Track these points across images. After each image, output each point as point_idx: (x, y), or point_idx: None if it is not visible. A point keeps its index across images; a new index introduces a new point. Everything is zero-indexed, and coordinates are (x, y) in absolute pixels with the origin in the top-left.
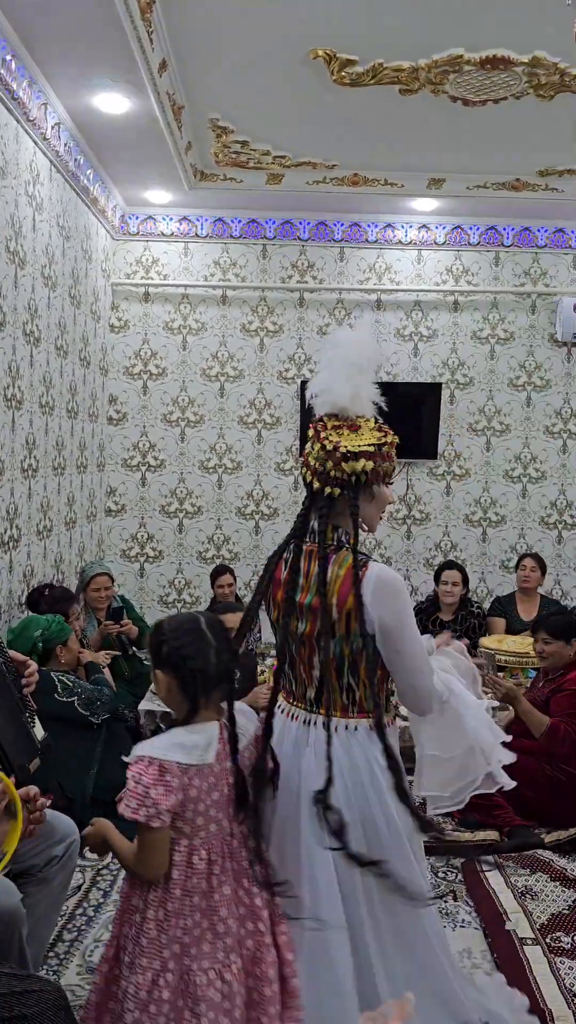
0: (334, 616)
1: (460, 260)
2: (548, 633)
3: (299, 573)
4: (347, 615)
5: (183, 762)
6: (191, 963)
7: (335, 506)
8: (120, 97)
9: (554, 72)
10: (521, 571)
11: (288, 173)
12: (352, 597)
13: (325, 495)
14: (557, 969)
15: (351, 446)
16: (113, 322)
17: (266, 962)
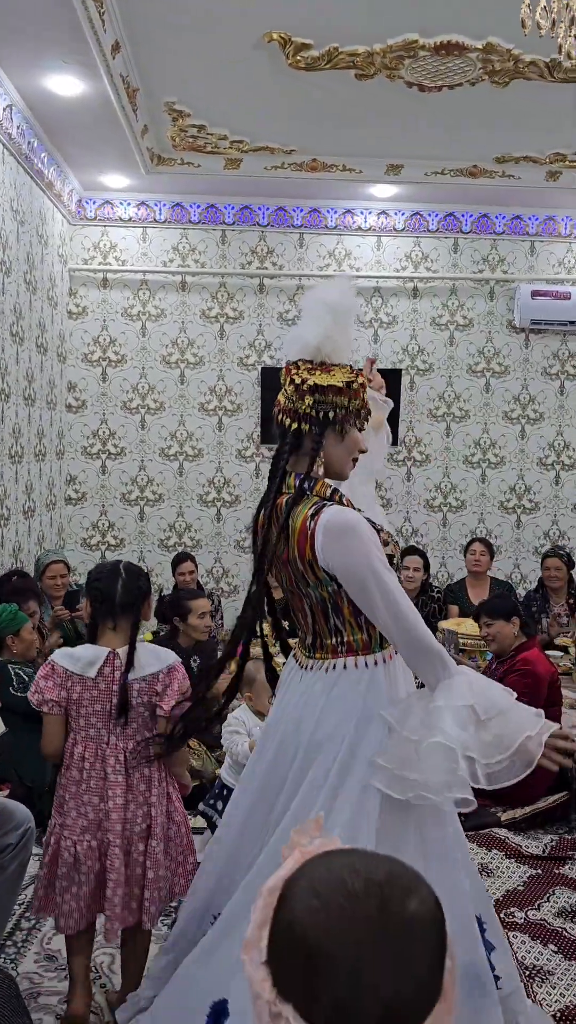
0: (300, 567)
1: (419, 247)
2: (488, 616)
3: (273, 526)
4: (309, 564)
5: (68, 668)
6: (60, 832)
7: (302, 444)
8: (73, 79)
9: (508, 58)
10: (471, 555)
11: (246, 158)
12: (308, 548)
13: (292, 431)
14: (511, 943)
15: (320, 381)
16: (71, 308)
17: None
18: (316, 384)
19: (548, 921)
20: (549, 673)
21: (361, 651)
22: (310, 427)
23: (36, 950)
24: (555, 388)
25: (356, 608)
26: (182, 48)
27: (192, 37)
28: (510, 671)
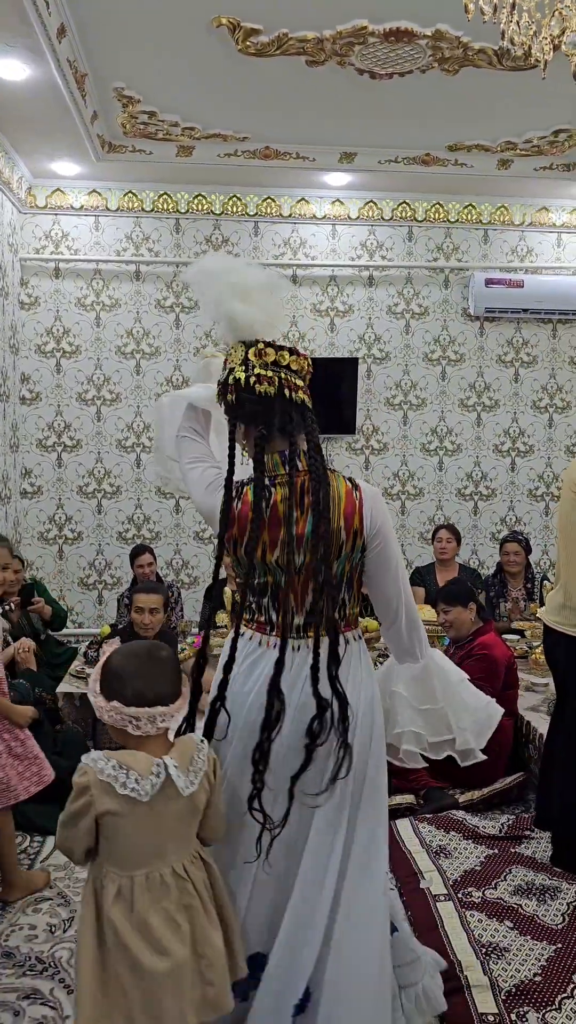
0: (343, 537)
1: (374, 235)
2: (444, 602)
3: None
4: (353, 533)
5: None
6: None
7: (307, 417)
8: (18, 63)
9: (457, 46)
10: (437, 543)
11: (199, 145)
12: (357, 517)
13: (298, 403)
14: (467, 922)
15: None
16: (23, 299)
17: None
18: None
19: (504, 899)
20: (506, 657)
21: (353, 624)
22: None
23: None
24: (510, 375)
25: (360, 582)
26: (130, 32)
27: (140, 20)
28: (468, 656)
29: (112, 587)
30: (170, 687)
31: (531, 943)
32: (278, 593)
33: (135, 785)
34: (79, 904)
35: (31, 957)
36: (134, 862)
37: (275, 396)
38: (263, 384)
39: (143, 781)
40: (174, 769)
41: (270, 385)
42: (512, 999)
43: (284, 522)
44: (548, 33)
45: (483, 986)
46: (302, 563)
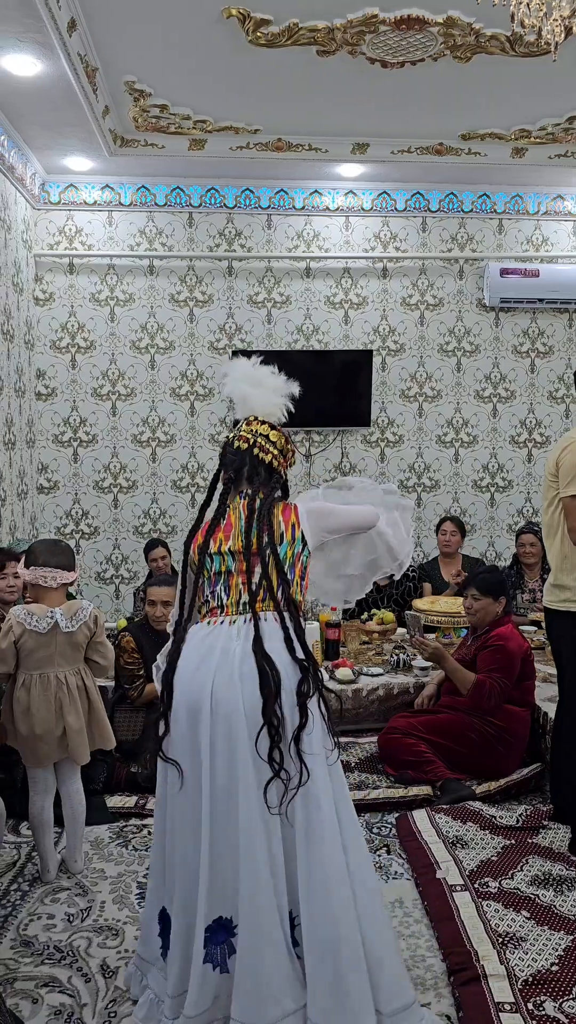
0: (283, 528)
1: (388, 226)
2: (477, 589)
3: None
4: (292, 525)
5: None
6: None
7: (272, 476)
8: (30, 59)
9: (469, 32)
10: (441, 535)
11: (210, 138)
12: (294, 515)
13: (266, 462)
14: (484, 912)
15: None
16: (37, 295)
17: None
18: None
19: (521, 889)
20: (522, 649)
21: (287, 607)
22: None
23: (12, 936)
24: (525, 366)
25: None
26: (140, 25)
27: (150, 13)
28: (484, 647)
29: (129, 581)
30: (64, 560)
31: (548, 933)
32: (229, 579)
33: (35, 623)
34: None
35: (49, 946)
36: (33, 667)
37: (246, 451)
38: (239, 441)
39: (40, 621)
40: (60, 616)
41: (244, 443)
42: (529, 988)
43: (234, 527)
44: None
45: (500, 975)
46: (245, 546)
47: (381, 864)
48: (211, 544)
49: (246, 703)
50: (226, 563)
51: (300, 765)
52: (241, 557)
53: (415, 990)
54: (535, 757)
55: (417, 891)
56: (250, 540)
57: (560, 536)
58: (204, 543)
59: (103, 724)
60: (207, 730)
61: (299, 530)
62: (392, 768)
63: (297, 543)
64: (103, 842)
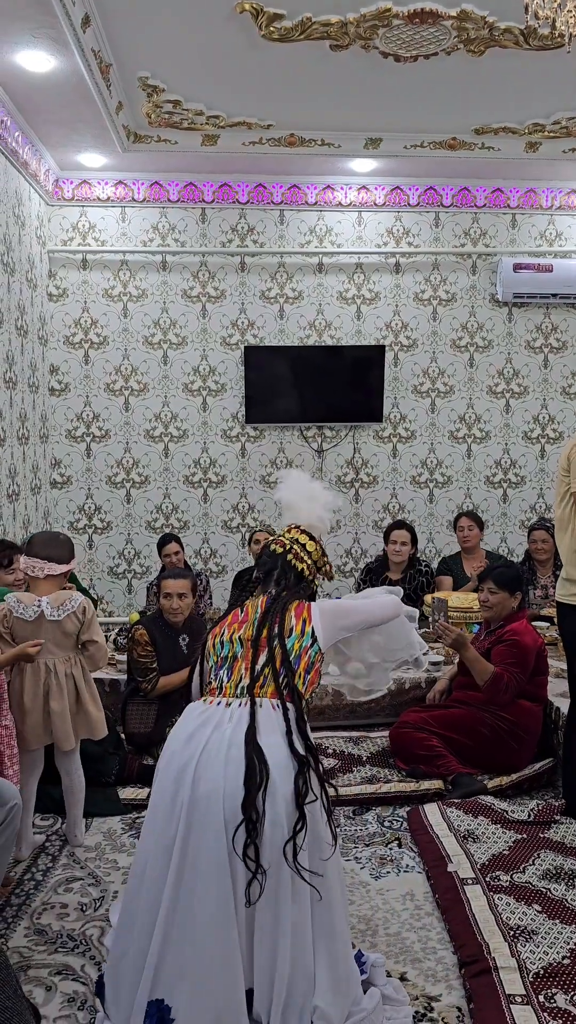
0: (292, 622)
1: (400, 221)
2: (494, 583)
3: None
4: (303, 621)
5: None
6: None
7: (301, 583)
8: (44, 55)
9: (483, 26)
10: (459, 531)
11: (223, 134)
12: (306, 611)
13: (297, 569)
14: (495, 905)
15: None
16: (51, 290)
17: None
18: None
19: (532, 883)
20: (536, 644)
21: (290, 698)
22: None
23: (26, 924)
24: (539, 361)
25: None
26: (153, 21)
27: (163, 9)
28: (499, 641)
29: (141, 576)
30: (56, 552)
31: (560, 927)
32: (233, 664)
33: (22, 611)
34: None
35: (63, 934)
36: None
37: (280, 555)
38: (276, 545)
39: (27, 609)
40: (47, 605)
41: (280, 547)
42: (540, 981)
43: (249, 618)
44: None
45: (511, 968)
46: (255, 635)
47: (392, 857)
48: (224, 631)
49: (227, 789)
50: (234, 649)
51: (295, 868)
52: (249, 645)
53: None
54: (547, 752)
55: (428, 884)
56: (260, 631)
57: (571, 531)
58: (220, 631)
59: (90, 714)
60: (184, 809)
61: (309, 625)
62: (403, 762)
63: (306, 637)
64: (115, 833)
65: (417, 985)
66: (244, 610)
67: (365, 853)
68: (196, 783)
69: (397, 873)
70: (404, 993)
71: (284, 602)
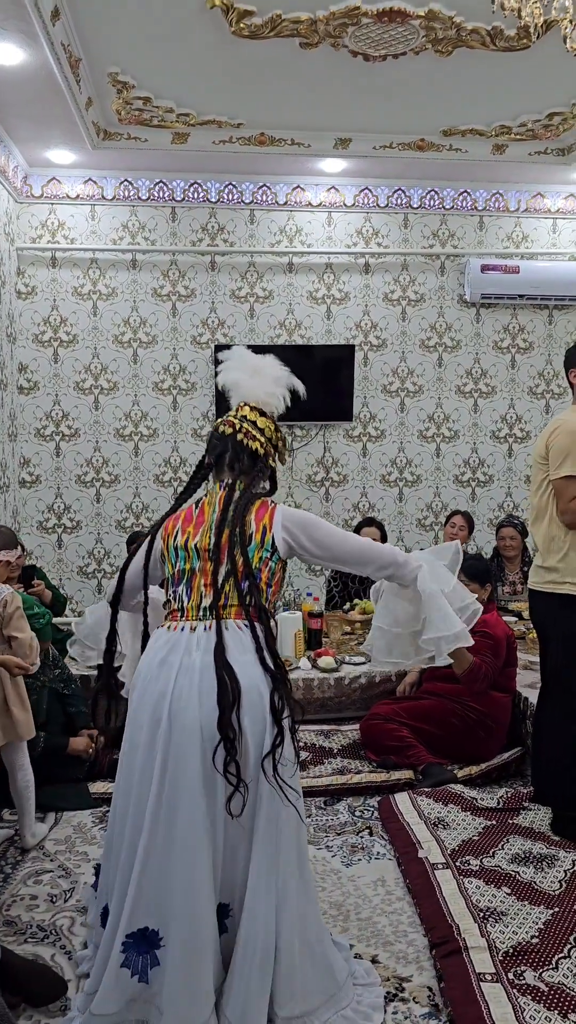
0: (252, 527)
1: (370, 222)
2: (465, 576)
3: (227, 517)
4: (263, 528)
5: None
6: None
7: (256, 464)
8: (13, 47)
9: (450, 26)
10: (450, 528)
11: (193, 132)
12: (268, 516)
13: (251, 449)
14: (465, 888)
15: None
16: (20, 288)
17: None
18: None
19: (502, 867)
20: (507, 635)
21: (255, 615)
22: (270, 458)
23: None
24: (506, 361)
25: (270, 577)
26: (123, 15)
27: (133, 3)
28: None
29: (111, 575)
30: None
31: (528, 907)
32: (192, 579)
33: None
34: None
35: (32, 925)
36: None
37: (230, 436)
38: (224, 426)
39: None
40: None
41: (229, 427)
42: (509, 960)
43: (206, 521)
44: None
45: (481, 947)
46: (214, 544)
47: (364, 845)
48: (179, 535)
49: (204, 718)
50: (191, 561)
51: (277, 783)
52: (207, 556)
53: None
54: (516, 742)
55: (399, 870)
56: (219, 538)
57: (548, 518)
58: (173, 531)
59: (12, 714)
60: (163, 743)
61: (269, 534)
62: (374, 754)
63: (266, 547)
64: (86, 826)
65: (388, 967)
66: (200, 508)
67: (336, 842)
68: (173, 717)
69: (368, 860)
70: (375, 975)
71: (245, 502)
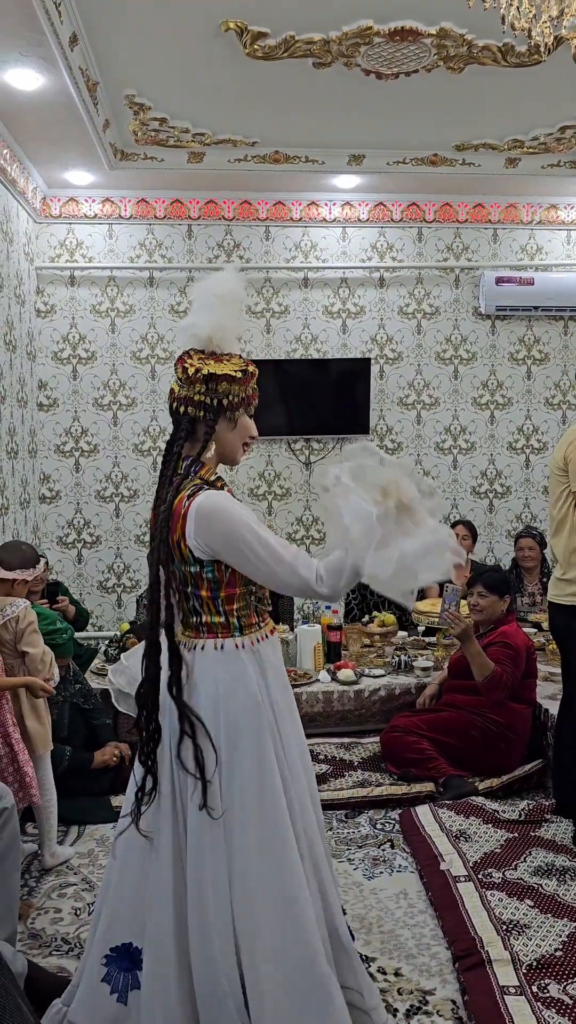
0: (170, 543)
1: (384, 237)
2: (484, 587)
3: (160, 503)
4: (177, 543)
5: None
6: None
7: (195, 431)
8: (32, 73)
9: (462, 44)
10: None
11: (209, 151)
12: (179, 526)
13: (186, 418)
14: (488, 901)
15: (215, 370)
16: (39, 307)
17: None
18: (210, 373)
19: (524, 879)
20: (526, 646)
21: (221, 634)
22: (204, 414)
23: (20, 929)
24: (522, 373)
25: (214, 591)
26: (140, 39)
27: (149, 27)
28: (491, 644)
29: (130, 590)
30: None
31: (552, 920)
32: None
33: None
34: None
35: (56, 938)
36: None
37: (180, 416)
38: (173, 401)
39: None
40: None
41: (174, 401)
42: (533, 972)
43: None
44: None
45: (504, 960)
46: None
47: (385, 858)
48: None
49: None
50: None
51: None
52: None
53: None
54: (536, 754)
55: (421, 883)
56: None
57: (568, 530)
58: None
59: (28, 728)
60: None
61: (185, 546)
62: (395, 766)
63: (190, 562)
64: (108, 840)
65: (412, 980)
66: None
67: (358, 855)
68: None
69: (390, 873)
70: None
71: (168, 507)
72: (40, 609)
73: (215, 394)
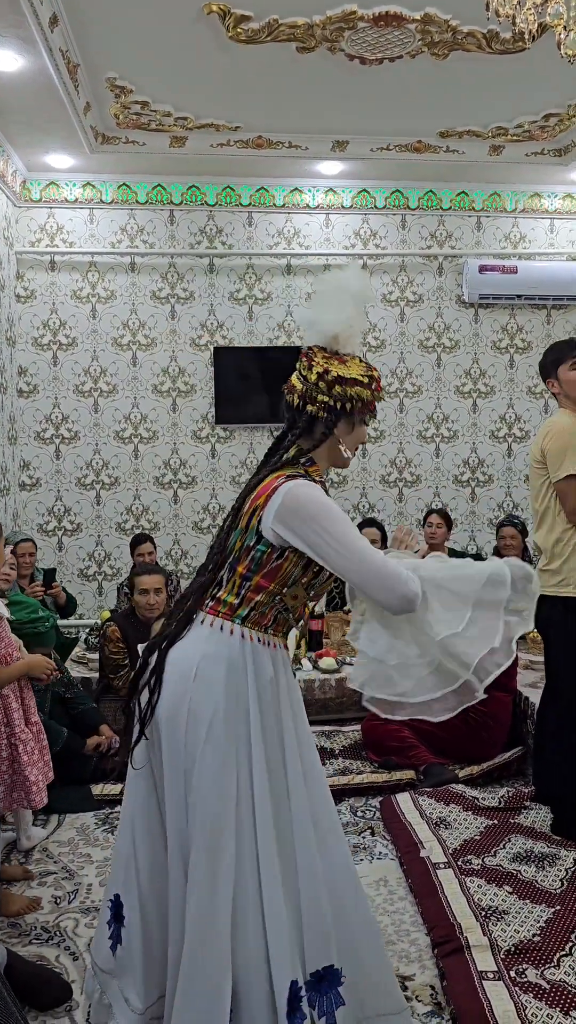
0: (245, 507)
1: (367, 224)
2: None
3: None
4: (253, 511)
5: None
6: None
7: (312, 430)
8: (11, 54)
9: (446, 29)
10: (427, 528)
11: (191, 136)
12: (264, 497)
13: (308, 415)
14: (467, 888)
15: (344, 373)
16: (19, 292)
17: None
18: (339, 376)
19: (503, 866)
20: None
21: (224, 614)
22: (327, 415)
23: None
24: (504, 362)
25: (250, 571)
26: (121, 21)
27: (131, 9)
28: None
29: (111, 578)
30: None
31: (530, 906)
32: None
33: None
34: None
35: (36, 927)
36: None
37: (298, 410)
38: (290, 395)
39: None
40: None
41: (292, 395)
42: (511, 958)
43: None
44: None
45: (483, 946)
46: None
47: (365, 845)
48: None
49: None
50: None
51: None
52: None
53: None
54: (517, 741)
55: (401, 870)
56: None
57: (551, 522)
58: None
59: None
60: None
61: (257, 516)
62: (376, 754)
63: (251, 534)
64: (89, 828)
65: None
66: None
67: None
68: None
69: (370, 860)
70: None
71: (258, 480)
72: (21, 597)
73: (342, 398)
